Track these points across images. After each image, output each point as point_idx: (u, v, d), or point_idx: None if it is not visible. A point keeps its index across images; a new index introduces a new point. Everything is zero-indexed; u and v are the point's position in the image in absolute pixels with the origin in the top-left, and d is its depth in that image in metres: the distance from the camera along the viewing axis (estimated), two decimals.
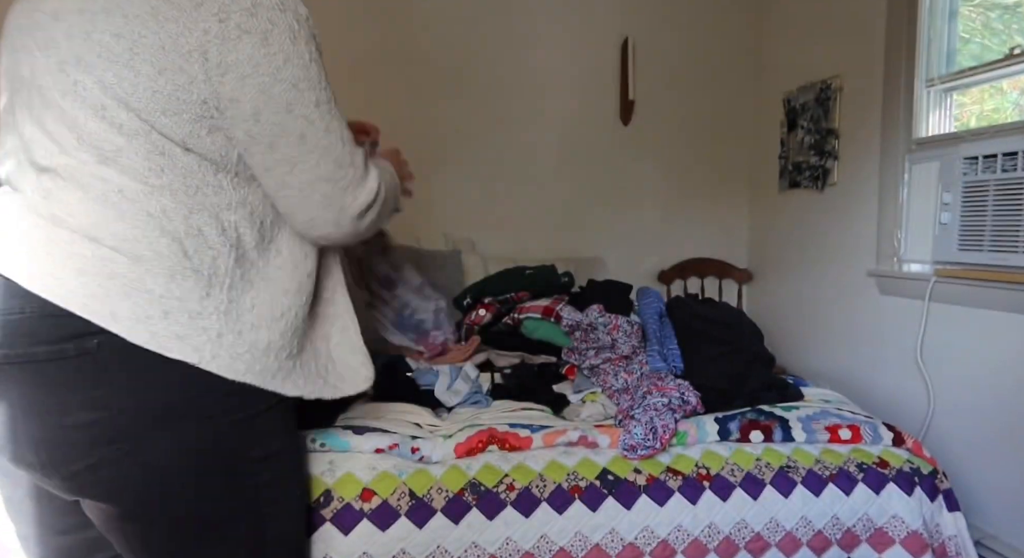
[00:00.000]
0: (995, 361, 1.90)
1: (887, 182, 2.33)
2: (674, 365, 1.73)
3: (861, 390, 2.45)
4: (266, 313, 0.99)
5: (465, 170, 3.08)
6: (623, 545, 1.30)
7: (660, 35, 3.17)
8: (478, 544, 1.26)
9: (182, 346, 0.90)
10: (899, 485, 1.39)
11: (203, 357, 0.91)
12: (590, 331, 1.91)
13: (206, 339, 0.92)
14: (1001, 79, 2.02)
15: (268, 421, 1.01)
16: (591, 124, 3.18)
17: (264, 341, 0.98)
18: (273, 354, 0.99)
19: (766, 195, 3.18)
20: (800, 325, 2.92)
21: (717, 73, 3.25)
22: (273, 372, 0.99)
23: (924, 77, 2.21)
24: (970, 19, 2.15)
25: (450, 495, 1.28)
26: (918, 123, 2.23)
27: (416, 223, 2.97)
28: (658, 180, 3.27)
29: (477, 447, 1.38)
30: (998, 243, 1.82)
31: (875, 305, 2.41)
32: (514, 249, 3.05)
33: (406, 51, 2.98)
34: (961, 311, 2.01)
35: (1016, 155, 1.76)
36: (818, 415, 1.53)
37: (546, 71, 3.12)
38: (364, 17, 2.93)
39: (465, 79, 3.04)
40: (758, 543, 1.33)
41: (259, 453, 1.00)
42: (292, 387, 1.02)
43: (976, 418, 1.97)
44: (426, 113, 3.01)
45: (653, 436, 1.38)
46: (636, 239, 3.28)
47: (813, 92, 2.73)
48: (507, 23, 3.06)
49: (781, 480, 1.37)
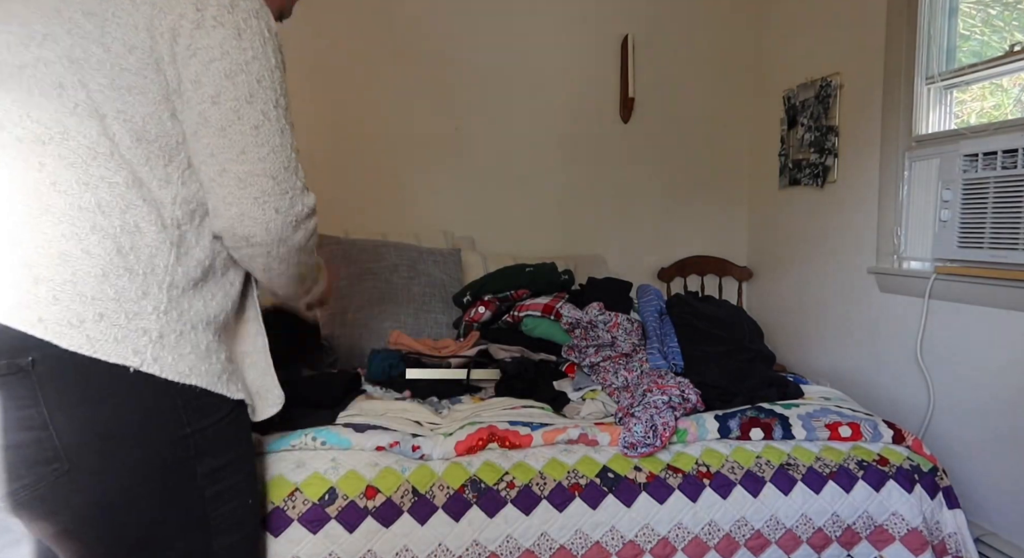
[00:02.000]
0: (995, 358, 1.90)
1: (887, 179, 2.33)
2: (674, 363, 1.73)
3: (861, 387, 2.46)
4: (205, 314, 0.97)
5: (465, 168, 3.08)
6: (623, 543, 1.30)
7: (660, 32, 3.17)
8: (479, 542, 1.26)
9: (120, 349, 0.87)
10: (899, 482, 1.39)
11: (144, 360, 0.88)
12: (590, 329, 1.91)
13: (147, 341, 0.89)
14: (1001, 76, 2.02)
15: (219, 432, 0.98)
16: (591, 121, 3.18)
17: (204, 342, 0.96)
18: (214, 356, 0.97)
19: (766, 192, 3.18)
20: (800, 323, 2.92)
21: (717, 70, 3.25)
22: (218, 374, 0.97)
23: (924, 74, 2.21)
24: (970, 16, 2.15)
25: (451, 492, 1.29)
26: (918, 120, 2.23)
27: (416, 221, 2.98)
28: (658, 177, 3.27)
29: (477, 445, 1.38)
30: (998, 240, 1.82)
31: (875, 302, 2.41)
32: (514, 247, 3.05)
33: (406, 49, 2.97)
34: (961, 308, 2.01)
35: (1016, 152, 1.76)
36: (818, 413, 1.53)
37: (546, 69, 3.11)
38: (364, 16, 2.93)
39: (465, 77, 3.04)
40: (758, 541, 1.34)
41: (208, 467, 0.97)
42: (237, 390, 1.00)
43: (976, 415, 1.97)
44: (426, 111, 3.01)
45: (653, 434, 1.38)
46: (636, 237, 3.28)
47: (813, 89, 2.73)
48: (507, 21, 3.06)
49: (781, 478, 1.38)
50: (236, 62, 0.91)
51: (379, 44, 2.96)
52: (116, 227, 0.88)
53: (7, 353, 0.84)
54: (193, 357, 0.93)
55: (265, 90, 0.94)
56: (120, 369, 0.87)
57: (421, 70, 3.00)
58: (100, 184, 0.88)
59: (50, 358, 0.84)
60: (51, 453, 0.85)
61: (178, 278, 0.93)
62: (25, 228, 0.86)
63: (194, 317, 0.95)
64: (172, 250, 0.93)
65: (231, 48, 0.91)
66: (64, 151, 0.87)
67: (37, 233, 0.86)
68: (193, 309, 0.95)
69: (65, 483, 0.86)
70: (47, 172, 0.86)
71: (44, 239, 0.86)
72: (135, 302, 0.89)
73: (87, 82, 0.87)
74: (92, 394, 0.86)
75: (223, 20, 0.90)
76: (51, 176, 0.86)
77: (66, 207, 0.86)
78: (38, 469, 0.85)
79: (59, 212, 0.86)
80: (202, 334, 0.96)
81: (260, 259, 1.00)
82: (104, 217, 0.88)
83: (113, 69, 0.88)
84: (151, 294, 0.90)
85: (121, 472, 0.89)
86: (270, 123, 0.94)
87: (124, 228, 0.89)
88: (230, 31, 0.90)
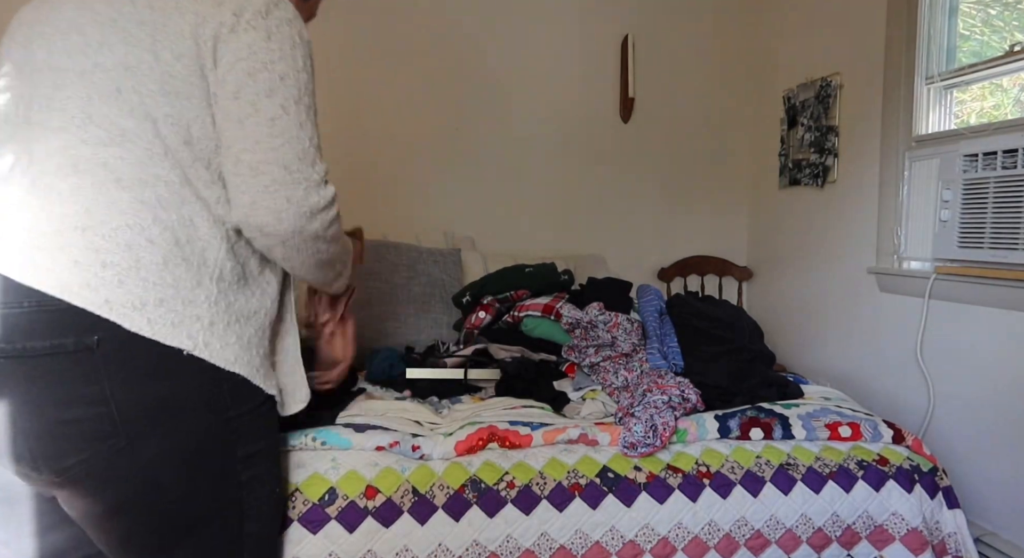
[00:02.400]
0: (995, 358, 1.90)
1: (887, 179, 2.33)
2: (674, 363, 1.73)
3: (861, 387, 2.46)
4: (247, 308, 1.02)
5: (465, 168, 3.08)
6: (623, 543, 1.30)
7: (660, 32, 3.17)
8: (479, 542, 1.26)
9: (176, 333, 0.93)
10: (899, 482, 1.39)
11: (196, 344, 0.94)
12: (590, 329, 1.91)
13: (199, 327, 0.95)
14: (1001, 76, 2.02)
15: (254, 420, 1.03)
16: (591, 122, 3.18)
17: (247, 335, 1.01)
18: (254, 349, 1.03)
19: (766, 192, 3.18)
20: (800, 323, 2.92)
21: (717, 70, 3.25)
22: (257, 367, 1.02)
23: (924, 74, 2.21)
24: (970, 16, 2.15)
25: (451, 492, 1.29)
26: (918, 120, 2.23)
27: (416, 221, 2.98)
28: (658, 178, 3.27)
29: (477, 445, 1.38)
30: (998, 240, 1.82)
31: (875, 302, 2.41)
32: (514, 247, 3.05)
33: (406, 49, 2.97)
34: (961, 308, 2.01)
35: (1016, 152, 1.76)
36: (818, 413, 1.53)
37: (546, 69, 3.11)
38: (364, 16, 2.93)
39: (465, 77, 3.04)
40: (758, 541, 1.34)
41: (244, 452, 1.02)
42: (271, 386, 1.06)
43: (976, 415, 1.97)
44: (426, 111, 3.01)
45: (653, 434, 1.38)
46: (636, 237, 3.28)
47: (813, 89, 2.73)
48: (507, 21, 3.06)
49: (781, 478, 1.38)
50: (261, 61, 0.95)
51: (379, 44, 2.96)
52: (174, 220, 0.95)
53: (75, 331, 0.88)
54: (237, 347, 0.99)
55: (288, 87, 0.97)
56: (175, 351, 0.92)
57: (421, 70, 3.00)
58: (157, 182, 0.94)
59: (114, 339, 0.89)
60: (109, 428, 0.90)
61: (226, 272, 0.99)
62: (94, 218, 0.92)
63: (239, 310, 1.01)
64: (222, 245, 0.99)
65: (259, 49, 0.95)
66: (124, 152, 0.93)
67: (104, 223, 0.92)
68: (238, 303, 1.01)
69: (121, 458, 0.91)
70: (110, 169, 0.93)
71: (110, 228, 0.92)
72: (190, 290, 0.95)
73: (139, 88, 0.93)
74: (151, 372, 0.92)
75: (256, 24, 0.96)
76: (114, 173, 0.93)
77: (130, 200, 0.93)
78: (96, 444, 0.90)
79: (124, 205, 0.93)
80: (245, 327, 1.01)
81: (278, 249, 1.02)
82: (163, 211, 0.94)
83: (163, 76, 0.94)
84: (204, 284, 0.97)
85: (174, 448, 0.94)
86: (288, 116, 0.97)
87: (181, 221, 0.95)
88: (260, 34, 0.96)
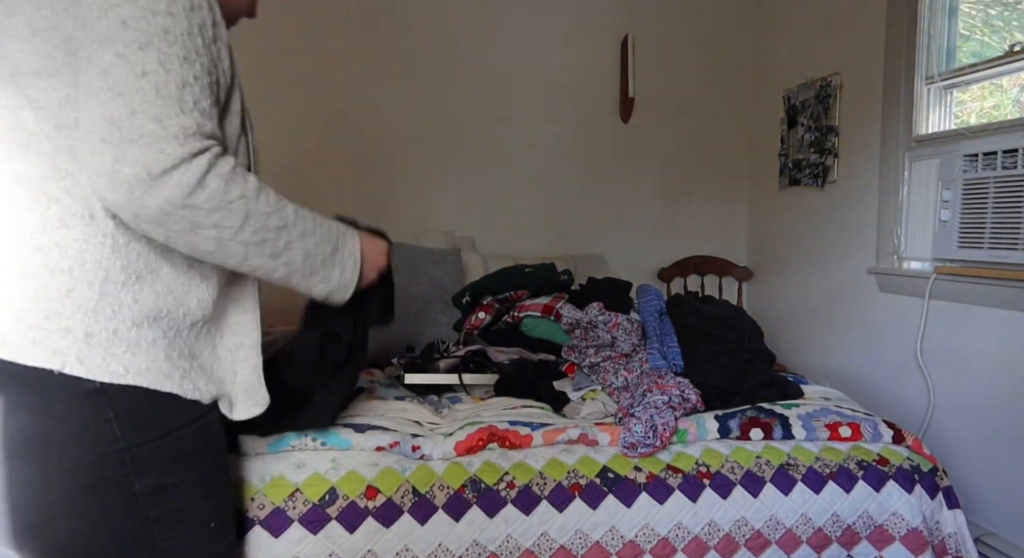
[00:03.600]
0: (995, 358, 1.90)
1: (887, 179, 2.33)
2: (674, 363, 1.73)
3: (861, 388, 2.46)
4: (150, 309, 0.89)
5: (465, 168, 3.08)
6: (623, 543, 1.30)
7: (660, 32, 3.17)
8: (479, 542, 1.26)
9: (38, 351, 0.81)
10: (899, 483, 1.39)
11: (66, 361, 0.82)
12: (590, 329, 1.91)
13: (70, 341, 0.82)
14: (1001, 76, 2.02)
15: (168, 446, 0.90)
16: (591, 122, 3.18)
17: (150, 338, 0.88)
18: (163, 352, 0.89)
19: (766, 192, 3.18)
20: (800, 323, 2.92)
21: (717, 70, 3.25)
22: (167, 372, 0.89)
23: (924, 74, 2.21)
24: (970, 16, 2.15)
25: (451, 492, 1.29)
26: (918, 120, 2.23)
27: (416, 221, 2.98)
28: (658, 177, 3.27)
29: (477, 445, 1.38)
30: (998, 240, 1.82)
31: (875, 302, 2.41)
32: (514, 247, 3.05)
33: (406, 49, 2.97)
34: (961, 308, 2.01)
35: (1016, 152, 1.76)
36: (818, 413, 1.53)
37: (546, 68, 3.11)
38: (364, 16, 2.92)
39: (465, 77, 3.04)
40: (758, 541, 1.34)
41: (150, 484, 0.89)
42: (200, 389, 0.93)
43: (976, 415, 1.97)
44: (426, 111, 3.01)
45: (653, 434, 1.38)
46: (636, 237, 3.28)
47: (813, 89, 2.73)
48: (507, 21, 3.06)
49: (781, 478, 1.38)
50: (99, 6, 0.79)
51: (379, 44, 2.96)
52: (36, 223, 0.83)
53: None
54: (130, 355, 0.86)
55: (129, 31, 0.79)
56: (43, 373, 0.81)
57: (421, 70, 3.00)
58: (19, 179, 0.83)
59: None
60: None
61: (114, 272, 0.86)
62: None
63: (136, 313, 0.87)
64: (104, 241, 0.85)
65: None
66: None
67: None
68: (137, 305, 0.87)
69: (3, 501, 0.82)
70: None
71: None
72: (57, 301, 0.83)
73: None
74: (18, 401, 0.81)
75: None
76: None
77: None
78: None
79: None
80: (147, 330, 0.88)
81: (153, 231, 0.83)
82: (22, 213, 0.83)
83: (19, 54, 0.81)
84: (77, 291, 0.84)
85: (51, 486, 0.83)
86: (126, 65, 0.78)
87: (45, 224, 0.83)
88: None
